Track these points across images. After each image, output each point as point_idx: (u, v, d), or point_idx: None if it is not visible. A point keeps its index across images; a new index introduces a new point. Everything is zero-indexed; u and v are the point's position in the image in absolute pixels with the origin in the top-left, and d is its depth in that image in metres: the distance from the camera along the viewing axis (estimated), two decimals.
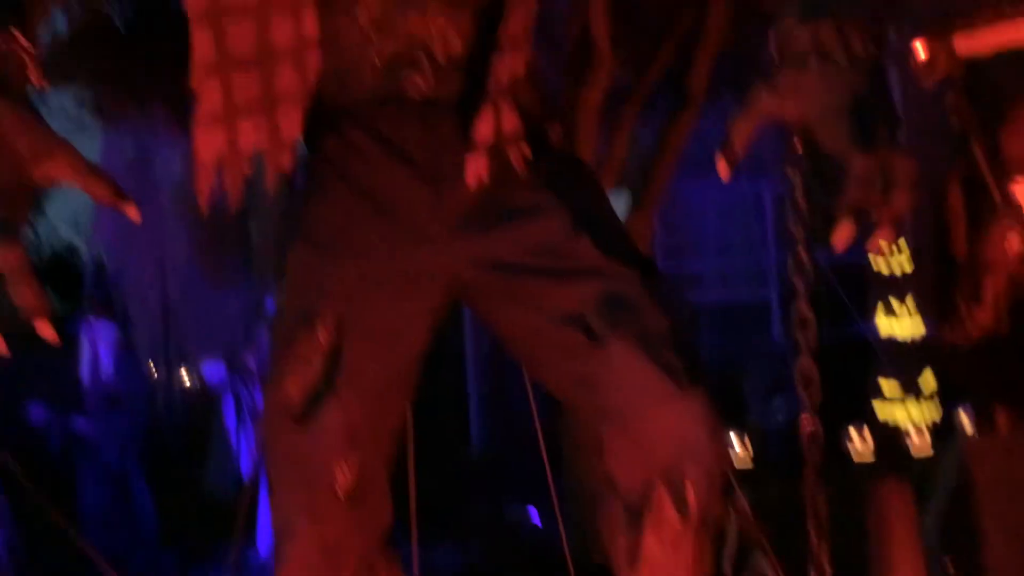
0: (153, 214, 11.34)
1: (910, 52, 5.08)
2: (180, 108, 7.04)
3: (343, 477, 1.55)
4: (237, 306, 11.40)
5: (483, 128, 1.57)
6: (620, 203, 6.97)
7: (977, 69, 5.37)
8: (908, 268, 11.39)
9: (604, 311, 1.52)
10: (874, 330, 11.68)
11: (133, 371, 7.98)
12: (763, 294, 13.43)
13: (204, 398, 10.71)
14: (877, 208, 1.41)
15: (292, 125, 1.61)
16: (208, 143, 1.57)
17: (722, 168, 1.56)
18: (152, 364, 11.77)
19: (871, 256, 11.78)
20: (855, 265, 12.28)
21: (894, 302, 11.85)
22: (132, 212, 1.47)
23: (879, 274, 12.38)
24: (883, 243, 1.43)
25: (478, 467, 9.89)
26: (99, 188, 1.42)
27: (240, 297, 11.51)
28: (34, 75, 1.45)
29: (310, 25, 1.59)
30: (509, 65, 1.59)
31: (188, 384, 12.17)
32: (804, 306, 1.75)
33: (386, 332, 1.62)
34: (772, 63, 1.51)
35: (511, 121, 1.61)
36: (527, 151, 1.62)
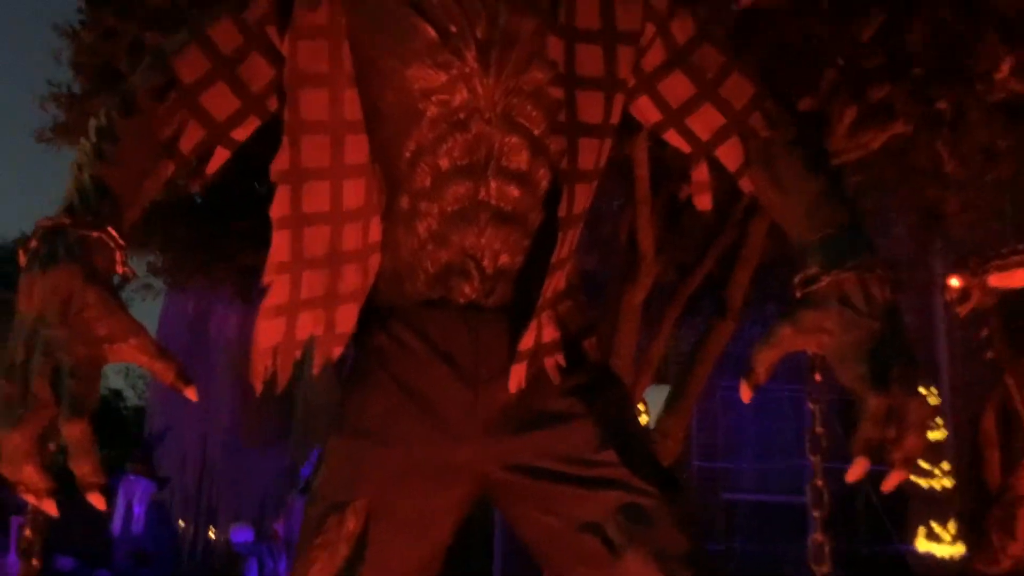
0: (204, 373, 11.62)
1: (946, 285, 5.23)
2: (240, 276, 7.39)
3: None
4: (272, 472, 11.45)
5: (526, 339, 1.62)
6: (660, 397, 7.04)
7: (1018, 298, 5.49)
8: (949, 484, 11.27)
9: (623, 523, 1.54)
10: (913, 550, 11.43)
11: (164, 530, 7.99)
12: (799, 496, 13.23)
13: (230, 561, 10.63)
14: (891, 447, 1.42)
15: (348, 320, 1.67)
16: (268, 332, 1.62)
17: (744, 392, 1.58)
18: (183, 523, 11.75)
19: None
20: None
21: (935, 524, 11.63)
22: (192, 394, 1.50)
23: (919, 490, 12.23)
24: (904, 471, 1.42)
25: None
26: (165, 371, 1.45)
27: (276, 463, 11.58)
28: (121, 266, 1.51)
29: (376, 232, 1.67)
30: (553, 284, 1.65)
31: (216, 546, 12.10)
32: (819, 535, 1.76)
33: (415, 522, 1.64)
34: (795, 301, 1.54)
35: (551, 334, 1.67)
36: (562, 361, 1.68)
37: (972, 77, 4.20)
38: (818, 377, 1.64)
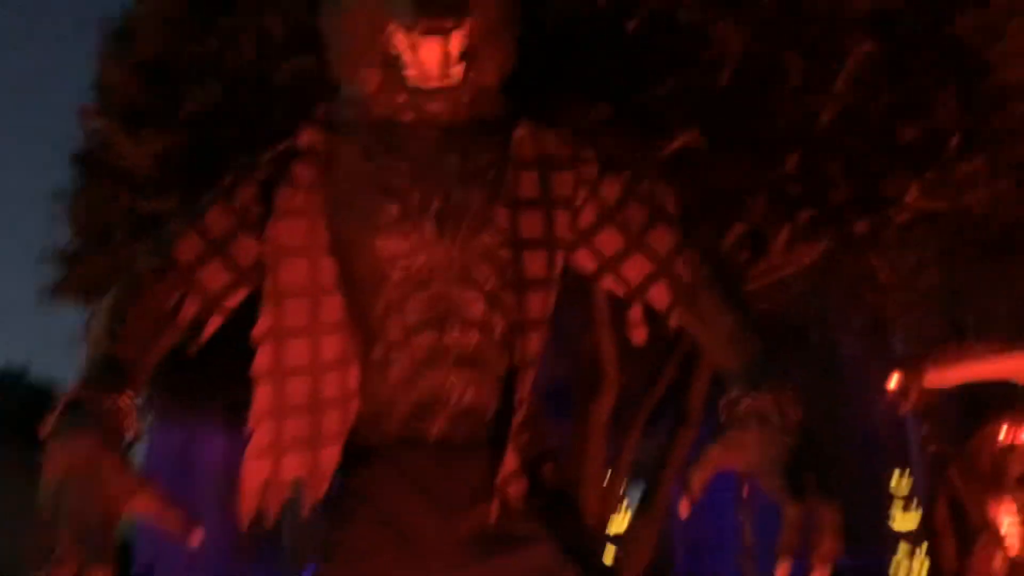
0: (191, 499, 11.73)
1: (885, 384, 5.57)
2: (228, 411, 7.65)
3: None
4: None
5: (500, 473, 1.77)
6: (637, 495, 7.30)
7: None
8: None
9: None
10: None
11: None
12: None
13: None
14: (811, 550, 1.54)
15: (331, 460, 1.80)
16: (255, 472, 1.76)
17: (683, 508, 1.73)
18: None
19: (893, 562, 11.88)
20: (874, 567, 12.31)
21: None
22: (195, 541, 1.61)
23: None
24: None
25: None
26: (171, 522, 1.59)
27: None
28: (132, 429, 1.64)
29: (354, 380, 1.81)
30: (517, 419, 1.80)
31: None
32: None
33: None
34: (721, 423, 1.67)
35: (513, 464, 1.81)
36: (524, 488, 1.82)
37: (884, 201, 4.66)
38: (745, 492, 2.02)
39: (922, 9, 4.18)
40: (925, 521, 5.68)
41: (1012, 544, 5.20)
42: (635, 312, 1.92)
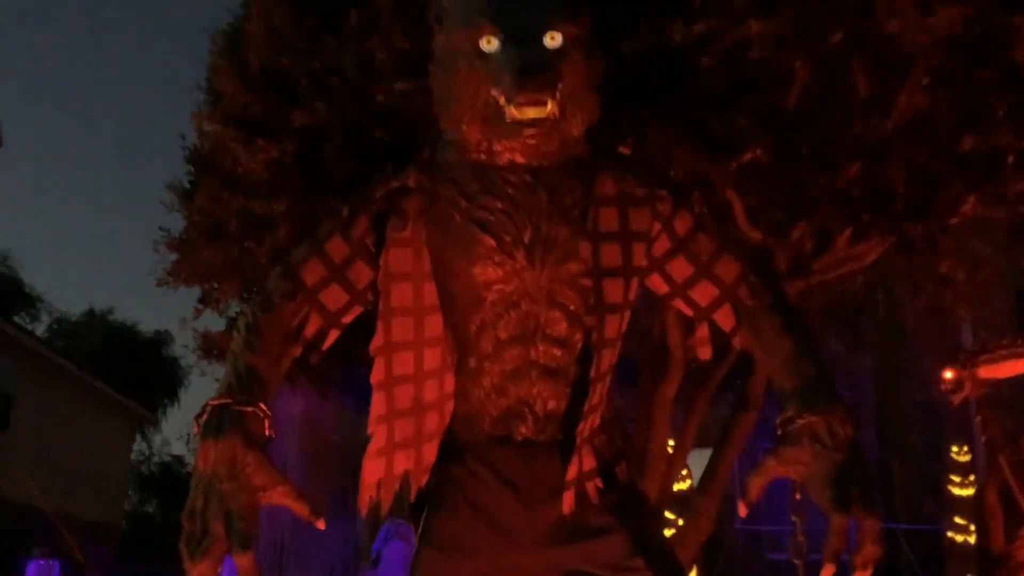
0: (273, 450, 12.26)
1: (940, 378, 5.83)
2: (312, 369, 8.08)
3: None
4: (339, 544, 12.06)
5: (571, 470, 1.97)
6: (703, 460, 7.64)
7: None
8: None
9: None
10: None
11: None
12: (843, 554, 13.47)
13: None
14: (853, 555, 1.73)
15: (431, 454, 2.02)
16: (372, 470, 1.99)
17: (742, 509, 1.86)
18: None
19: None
20: (931, 532, 12.53)
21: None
22: (321, 525, 1.79)
23: (956, 545, 12.56)
24: None
25: None
26: (303, 509, 1.77)
27: (342, 536, 12.20)
28: (267, 430, 1.83)
29: (449, 385, 2.01)
30: (589, 424, 2.00)
31: None
32: None
33: None
34: (777, 438, 1.84)
35: (589, 463, 2.01)
36: (600, 484, 2.02)
37: (941, 208, 4.91)
38: (798, 496, 2.08)
39: (984, 33, 4.39)
40: (976, 504, 5.91)
41: None
42: (701, 331, 2.10)
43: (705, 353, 2.13)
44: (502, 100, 1.91)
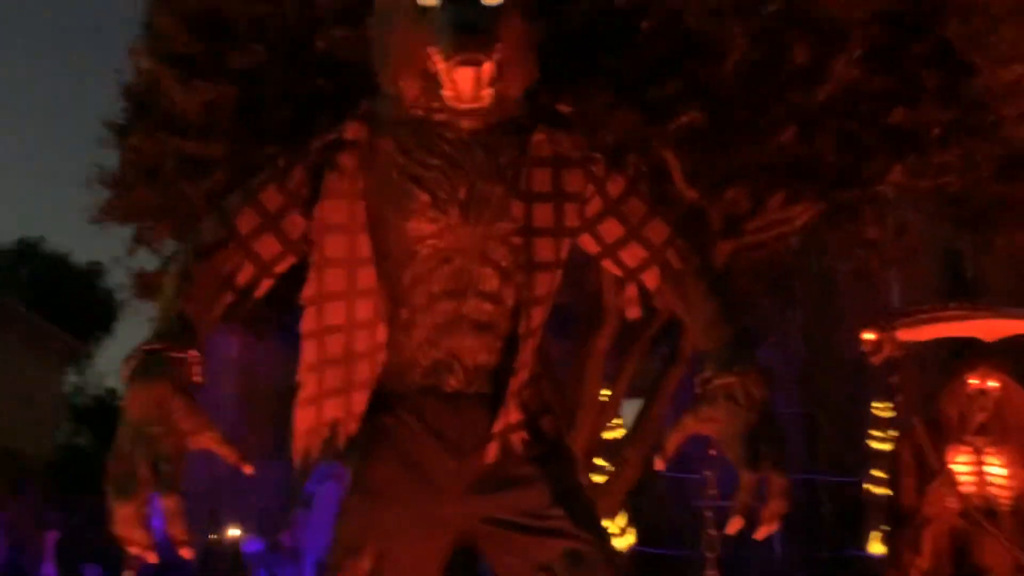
0: (209, 392, 12.23)
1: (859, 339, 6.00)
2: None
3: None
4: (272, 485, 12.13)
5: (498, 423, 2.02)
6: (634, 410, 7.81)
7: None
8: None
9: (567, 564, 1.95)
10: (868, 553, 12.15)
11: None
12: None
13: (235, 568, 11.25)
14: (762, 509, 1.81)
15: (361, 403, 2.05)
16: (304, 418, 2.03)
17: (659, 463, 1.94)
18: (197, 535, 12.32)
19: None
20: (852, 485, 12.91)
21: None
22: (248, 470, 1.83)
23: (875, 497, 12.99)
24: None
25: None
26: (230, 454, 1.81)
27: (275, 476, 12.26)
28: (197, 376, 1.84)
29: (381, 336, 2.03)
30: (518, 378, 2.04)
31: (221, 553, 12.72)
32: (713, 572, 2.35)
33: (413, 565, 2.03)
34: (695, 397, 1.91)
35: (516, 416, 2.06)
36: (525, 436, 2.07)
37: (869, 176, 5.05)
38: (713, 452, 2.14)
39: (917, 9, 4.49)
40: (890, 460, 6.13)
41: (967, 486, 5.68)
42: (630, 291, 2.15)
43: (634, 312, 2.20)
44: (439, 59, 1.92)
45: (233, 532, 12.75)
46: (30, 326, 20.56)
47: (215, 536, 12.86)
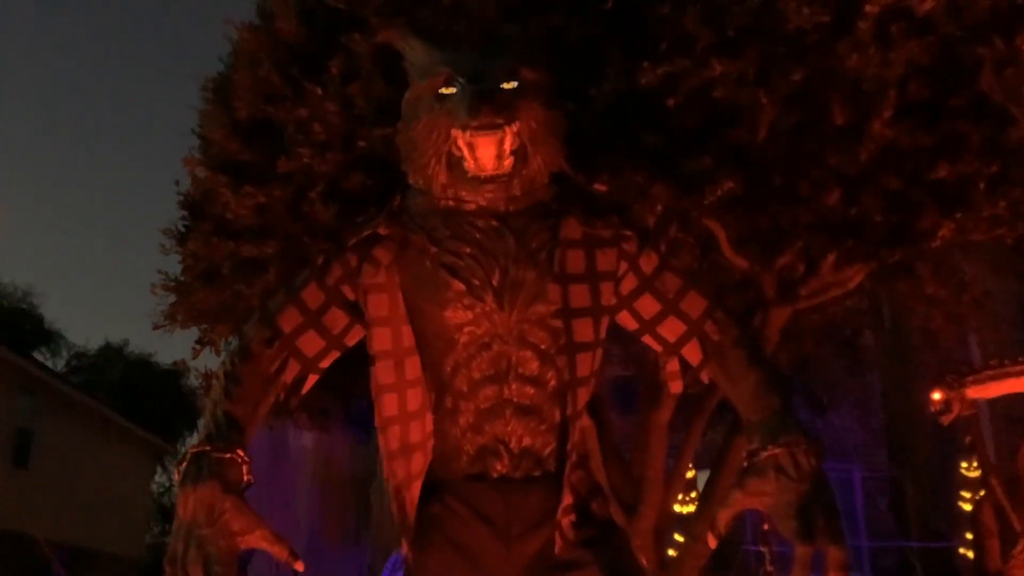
0: (286, 482, 12.43)
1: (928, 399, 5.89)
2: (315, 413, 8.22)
3: None
4: (352, 573, 12.17)
5: (556, 508, 2.03)
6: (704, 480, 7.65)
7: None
8: None
9: None
10: None
11: None
12: (855, 573, 13.47)
13: None
14: None
15: (416, 493, 2.08)
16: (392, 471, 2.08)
17: (712, 542, 1.97)
18: None
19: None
20: (946, 550, 12.46)
21: None
22: (299, 567, 1.90)
23: (967, 562, 12.50)
24: None
25: None
26: (282, 551, 1.84)
27: (355, 564, 12.31)
28: (248, 476, 1.90)
29: (429, 424, 2.09)
30: (566, 461, 2.05)
31: None
32: None
33: None
34: (743, 470, 1.91)
35: (567, 499, 2.07)
36: (575, 519, 2.09)
37: (918, 233, 4.99)
38: (766, 526, 2.38)
39: (951, 64, 4.48)
40: (972, 522, 5.97)
41: None
42: (672, 365, 2.16)
43: (676, 387, 2.18)
44: (459, 135, 2.00)
45: None
46: (119, 429, 21.06)
47: None
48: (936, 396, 5.95)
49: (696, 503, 11.07)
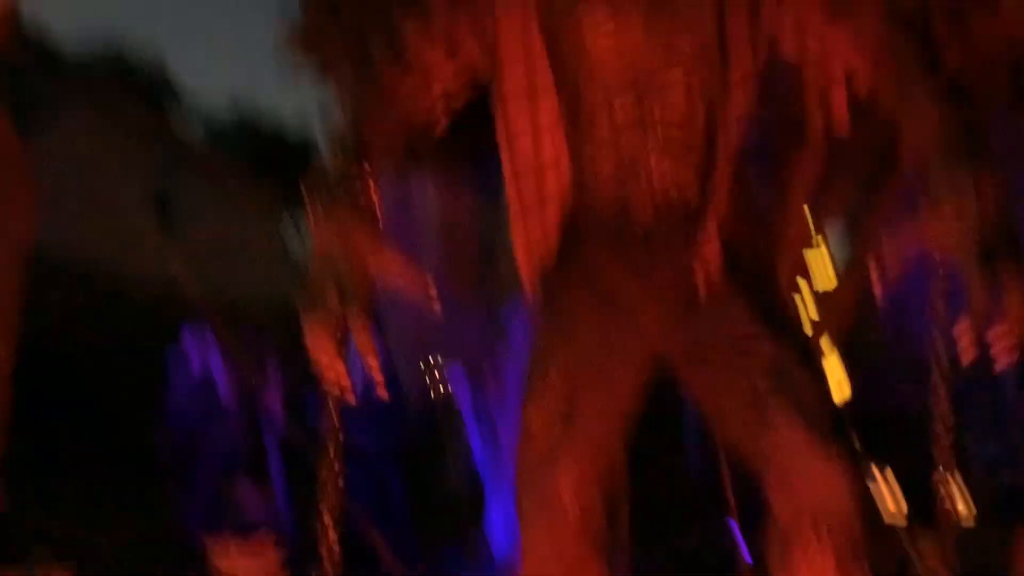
0: (411, 234, 12.57)
1: None
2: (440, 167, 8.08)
3: (575, 509, 1.92)
4: (479, 320, 12.41)
5: (700, 254, 2.02)
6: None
7: None
8: None
9: (771, 378, 1.90)
10: None
11: (390, 373, 8.93)
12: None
13: (447, 401, 11.67)
14: (997, 325, 1.67)
15: (554, 242, 2.11)
16: (520, 233, 2.12)
17: (879, 289, 2.07)
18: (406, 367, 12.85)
19: None
20: None
21: None
22: (434, 305, 2.06)
23: None
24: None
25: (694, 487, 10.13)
26: (418, 283, 1.95)
27: (482, 312, 12.53)
28: (376, 195, 1.93)
29: (566, 174, 2.09)
30: (714, 208, 2.02)
31: (433, 388, 13.21)
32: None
33: (606, 393, 2.02)
34: (919, 201, 1.84)
35: (713, 248, 2.04)
36: (723, 267, 2.04)
37: None
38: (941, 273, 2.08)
39: None
40: None
41: None
42: (839, 96, 2.07)
43: (843, 127, 2.11)
44: None
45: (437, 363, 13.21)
46: (243, 178, 21.41)
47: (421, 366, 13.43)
48: None
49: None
